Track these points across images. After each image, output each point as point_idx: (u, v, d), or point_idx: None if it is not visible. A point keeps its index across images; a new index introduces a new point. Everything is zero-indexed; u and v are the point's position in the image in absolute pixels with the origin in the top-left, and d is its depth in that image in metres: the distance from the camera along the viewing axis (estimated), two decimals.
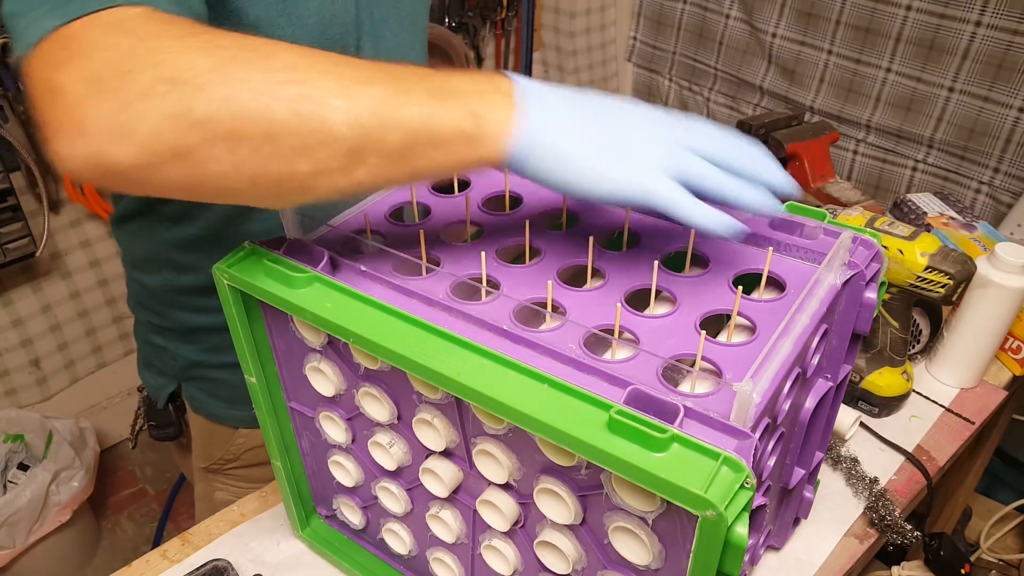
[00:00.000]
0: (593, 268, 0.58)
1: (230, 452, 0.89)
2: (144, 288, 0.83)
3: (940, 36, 1.56)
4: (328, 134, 0.43)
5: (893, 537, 0.77)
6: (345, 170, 0.45)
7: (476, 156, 0.47)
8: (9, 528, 1.51)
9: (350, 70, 0.44)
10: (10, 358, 1.75)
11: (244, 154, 0.42)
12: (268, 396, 0.64)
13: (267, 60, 0.43)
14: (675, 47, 2.16)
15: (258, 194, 0.46)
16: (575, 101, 0.48)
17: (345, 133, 0.43)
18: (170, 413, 0.89)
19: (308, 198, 0.47)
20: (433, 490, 0.57)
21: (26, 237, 1.57)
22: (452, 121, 0.45)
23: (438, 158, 0.46)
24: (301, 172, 0.44)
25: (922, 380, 0.97)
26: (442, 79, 0.46)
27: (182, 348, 0.84)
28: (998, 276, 0.88)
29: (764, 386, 0.45)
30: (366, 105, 0.43)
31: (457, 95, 0.45)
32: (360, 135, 0.43)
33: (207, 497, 0.95)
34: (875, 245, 0.56)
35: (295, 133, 0.42)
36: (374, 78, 0.44)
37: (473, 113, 0.45)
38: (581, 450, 0.42)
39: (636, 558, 0.47)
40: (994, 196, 1.61)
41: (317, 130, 0.43)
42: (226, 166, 0.43)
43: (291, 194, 0.46)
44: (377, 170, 0.46)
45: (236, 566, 0.72)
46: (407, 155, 0.45)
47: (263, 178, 0.44)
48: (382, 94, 0.44)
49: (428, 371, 0.47)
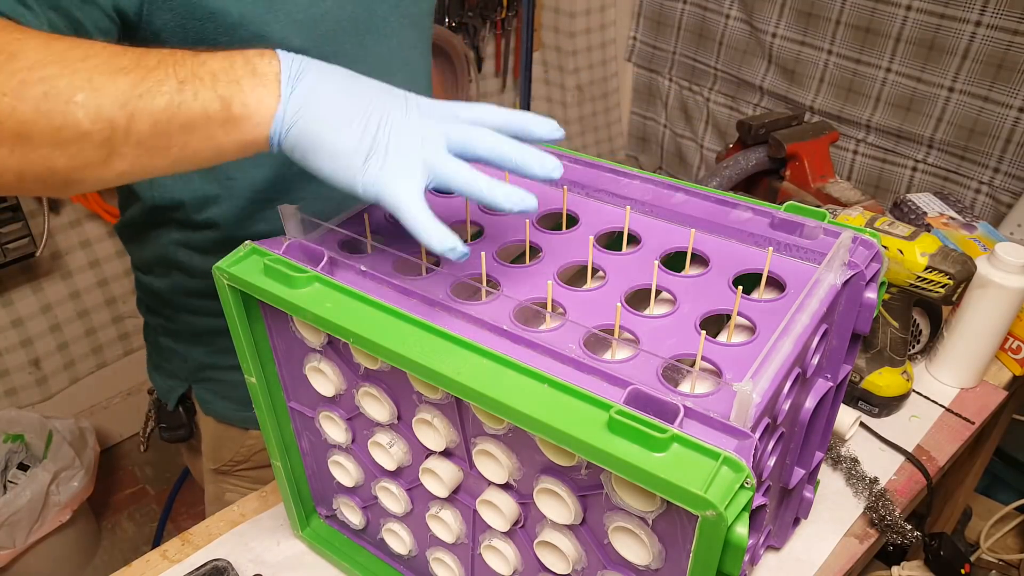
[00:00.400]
0: (593, 268, 0.58)
1: (240, 454, 0.89)
2: (153, 292, 0.83)
3: (940, 36, 1.56)
4: (75, 129, 0.44)
5: (893, 537, 0.77)
6: (105, 162, 0.46)
7: (235, 140, 0.48)
8: (9, 528, 1.51)
9: (97, 62, 0.45)
10: (10, 358, 1.75)
11: (2, 154, 0.44)
12: (268, 396, 0.64)
13: (12, 61, 0.44)
14: (675, 47, 2.16)
15: (28, 187, 0.47)
16: (344, 88, 0.49)
17: (91, 127, 0.44)
18: (180, 415, 0.89)
19: (80, 189, 0.48)
20: (433, 490, 0.57)
21: (26, 237, 1.57)
22: (198, 106, 0.46)
23: (193, 143, 0.47)
24: (60, 167, 0.46)
25: (922, 380, 0.97)
26: (196, 64, 0.47)
27: (192, 350, 0.84)
28: (998, 276, 0.88)
29: (764, 386, 0.45)
30: (110, 97, 0.44)
31: (208, 79, 0.46)
32: (107, 127, 0.45)
33: (218, 499, 0.95)
34: (875, 245, 0.56)
35: (44, 131, 0.44)
36: (122, 68, 0.45)
37: (222, 97, 0.46)
38: (581, 450, 0.42)
39: (636, 558, 0.47)
40: (994, 196, 1.62)
41: (63, 126, 0.44)
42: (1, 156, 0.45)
43: (59, 187, 0.48)
44: (136, 159, 0.47)
45: (236, 566, 0.72)
46: (161, 143, 0.47)
47: (28, 173, 0.46)
48: (127, 84, 0.45)
49: (428, 371, 0.47)
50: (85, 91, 0.44)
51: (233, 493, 0.93)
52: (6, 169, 0.45)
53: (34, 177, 0.46)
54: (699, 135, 2.20)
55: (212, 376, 0.85)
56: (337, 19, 0.68)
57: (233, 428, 0.87)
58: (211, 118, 0.47)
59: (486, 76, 2.18)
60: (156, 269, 0.81)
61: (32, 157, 0.45)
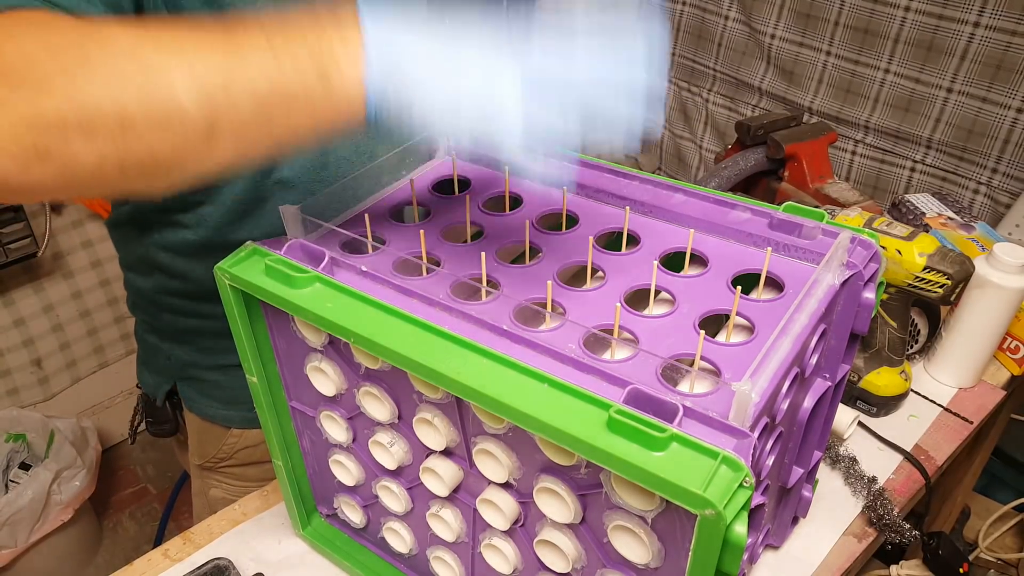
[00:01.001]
0: (593, 268, 0.58)
1: (223, 451, 0.90)
2: (138, 290, 0.84)
3: (938, 37, 1.57)
4: (178, 111, 0.42)
5: (891, 536, 0.77)
6: (207, 144, 0.44)
7: (332, 111, 0.45)
8: (11, 527, 1.52)
9: (190, 42, 0.43)
10: (12, 358, 1.75)
11: (103, 145, 0.42)
12: (269, 396, 0.64)
13: (108, 47, 0.42)
14: (674, 48, 2.16)
15: (130, 181, 0.45)
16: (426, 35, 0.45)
17: (194, 109, 0.43)
18: (167, 411, 0.89)
19: (180, 177, 0.46)
20: (433, 489, 0.58)
21: (28, 237, 1.58)
22: (298, 79, 0.44)
23: (294, 119, 0.45)
24: (163, 152, 0.44)
25: (920, 380, 0.97)
26: (283, 34, 0.44)
27: (176, 349, 0.84)
28: (996, 276, 0.88)
29: (763, 386, 0.46)
30: (210, 76, 0.43)
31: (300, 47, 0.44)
32: (208, 108, 0.43)
33: (203, 493, 0.96)
34: (873, 245, 0.56)
35: (147, 116, 0.42)
36: (214, 45, 0.43)
37: (320, 68, 0.44)
38: (581, 449, 0.42)
39: (635, 557, 0.48)
40: (992, 196, 1.62)
41: (167, 110, 0.42)
42: (91, 158, 0.43)
43: (162, 176, 0.46)
44: (239, 142, 0.45)
45: (237, 565, 0.72)
46: (261, 123, 0.45)
47: (129, 164, 0.44)
48: (221, 62, 0.43)
49: (428, 371, 0.47)
50: (183, 70, 0.42)
51: (218, 489, 0.93)
52: (107, 163, 0.43)
53: (136, 168, 0.44)
54: (698, 136, 2.20)
55: (195, 375, 0.85)
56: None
57: (216, 426, 0.88)
58: (310, 91, 0.44)
59: None
60: (140, 268, 0.82)
61: (135, 146, 0.43)
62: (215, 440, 0.89)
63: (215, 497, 0.94)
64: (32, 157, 0.42)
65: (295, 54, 0.43)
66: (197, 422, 0.89)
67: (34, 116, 0.41)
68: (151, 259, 0.79)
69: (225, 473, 0.93)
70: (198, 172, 0.46)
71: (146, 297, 0.83)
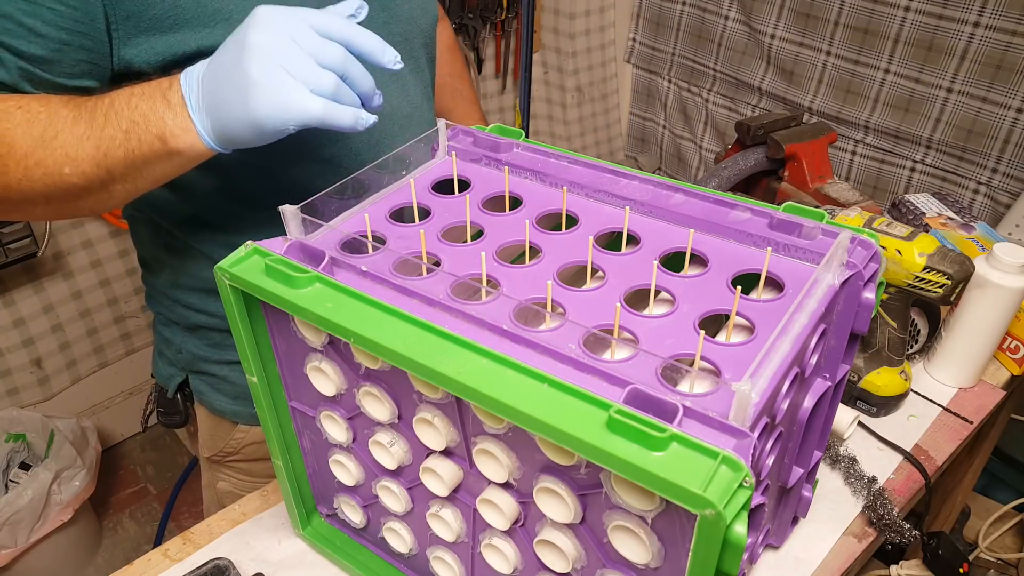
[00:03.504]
0: (592, 268, 0.58)
1: (230, 445, 0.91)
2: (152, 284, 0.88)
3: (938, 37, 1.57)
4: (75, 188, 0.60)
5: (891, 536, 0.77)
6: (110, 196, 0.62)
7: (185, 161, 0.60)
8: (11, 527, 1.52)
9: (65, 137, 0.58)
10: (12, 358, 1.75)
11: (43, 208, 0.62)
12: (269, 395, 0.64)
13: (11, 153, 0.58)
14: (674, 48, 2.16)
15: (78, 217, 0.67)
16: (216, 72, 0.56)
17: (85, 183, 0.60)
18: (178, 402, 0.92)
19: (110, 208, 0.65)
20: (433, 489, 0.58)
21: (28, 237, 1.57)
22: (146, 148, 0.58)
23: (159, 169, 0.61)
24: (85, 207, 0.63)
25: (920, 380, 0.98)
26: (130, 109, 0.58)
27: (187, 342, 0.87)
28: (996, 276, 0.88)
29: (763, 386, 0.46)
30: (86, 162, 0.58)
31: (142, 123, 0.58)
32: (95, 179, 0.60)
33: (211, 486, 0.98)
34: (873, 245, 0.56)
35: (56, 194, 0.60)
36: (82, 135, 0.58)
37: (159, 136, 0.58)
38: (581, 449, 0.42)
39: (635, 557, 0.48)
40: (992, 196, 1.62)
41: (66, 188, 0.60)
42: (41, 212, 0.63)
43: (97, 212, 0.66)
44: (128, 190, 0.62)
45: (237, 565, 0.72)
46: (135, 175, 0.60)
47: (68, 214, 0.64)
48: (92, 148, 0.58)
49: (428, 371, 0.47)
50: (68, 165, 0.58)
51: (225, 483, 0.95)
52: (51, 215, 0.65)
53: (72, 214, 0.65)
54: (698, 136, 2.20)
55: (205, 369, 0.87)
56: None
57: (225, 421, 0.90)
58: (157, 153, 0.58)
59: (486, 77, 2.18)
60: (151, 263, 0.86)
61: (63, 208, 0.63)
62: (223, 434, 0.90)
63: (223, 491, 0.96)
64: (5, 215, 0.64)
65: (139, 131, 0.58)
66: (207, 416, 0.91)
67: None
68: (160, 255, 0.83)
69: (233, 467, 0.94)
70: (116, 205, 0.65)
71: (159, 291, 0.86)
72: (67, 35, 0.60)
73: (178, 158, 0.59)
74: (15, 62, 0.59)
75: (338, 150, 0.76)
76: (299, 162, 0.74)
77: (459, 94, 1.06)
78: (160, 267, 0.84)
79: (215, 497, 0.97)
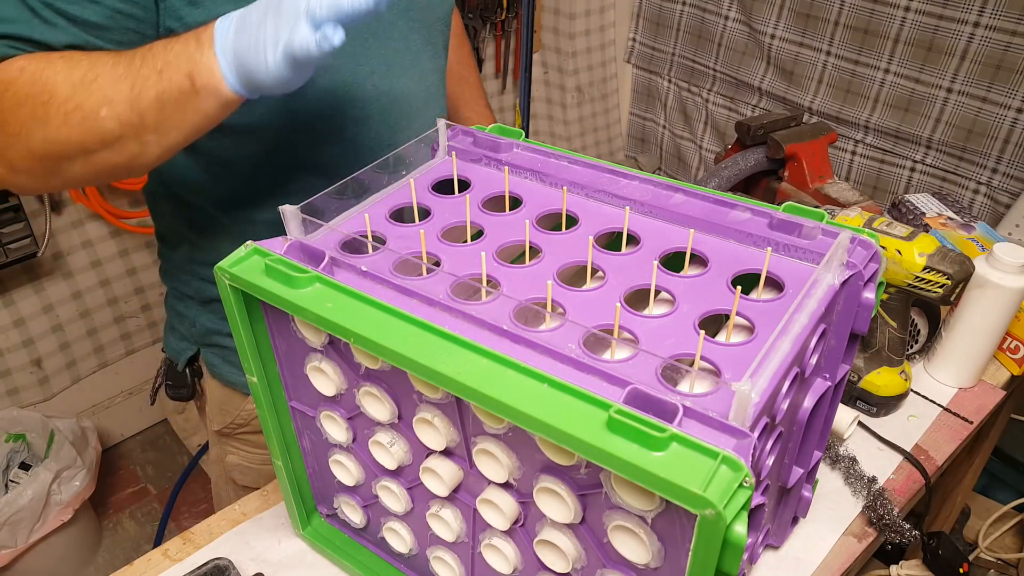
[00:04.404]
0: (592, 268, 0.58)
1: (241, 417, 0.93)
2: (169, 259, 0.91)
3: (938, 37, 1.57)
4: (111, 134, 0.60)
5: (891, 536, 0.77)
6: (141, 148, 0.61)
7: (212, 102, 0.59)
8: (11, 527, 1.52)
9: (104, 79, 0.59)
10: (12, 358, 1.75)
11: (81, 164, 0.62)
12: (269, 395, 0.64)
13: (51, 101, 0.59)
14: (674, 48, 2.16)
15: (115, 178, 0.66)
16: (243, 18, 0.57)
17: (121, 130, 0.60)
18: (187, 376, 0.95)
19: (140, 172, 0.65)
20: (433, 489, 0.58)
21: (28, 237, 1.57)
22: (175, 87, 0.58)
23: (188, 116, 0.60)
24: (120, 161, 0.62)
25: (920, 380, 0.98)
26: (166, 51, 0.59)
27: (201, 316, 0.89)
28: (996, 276, 0.88)
29: (763, 386, 0.46)
30: (121, 103, 0.59)
31: (175, 62, 0.58)
32: (129, 125, 0.60)
33: (220, 460, 1.00)
34: (873, 245, 0.56)
35: (94, 141, 0.60)
36: (120, 76, 0.59)
37: (188, 74, 0.58)
38: (581, 449, 0.42)
39: (635, 557, 0.48)
40: (992, 196, 1.62)
41: (104, 135, 0.60)
42: (78, 169, 0.62)
43: (130, 172, 0.64)
44: (160, 141, 0.61)
45: (237, 565, 0.72)
46: (168, 121, 0.60)
47: (100, 172, 0.63)
48: (127, 88, 0.59)
49: (428, 371, 0.47)
50: (105, 106, 0.59)
51: (234, 456, 0.98)
52: (84, 174, 0.63)
53: (107, 174, 0.64)
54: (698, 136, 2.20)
55: (218, 342, 0.89)
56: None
57: (236, 393, 0.92)
58: (186, 93, 0.58)
59: (486, 77, 2.18)
60: (170, 237, 0.88)
61: (95, 161, 0.62)
62: (233, 407, 0.93)
63: (232, 464, 0.98)
64: (43, 177, 0.64)
65: (171, 71, 0.58)
66: (218, 388, 0.93)
67: (29, 152, 0.60)
68: (179, 229, 0.86)
69: (242, 440, 0.96)
70: (148, 163, 0.63)
71: (176, 265, 0.89)
72: (121, 3, 0.63)
73: (206, 101, 0.59)
74: (68, 27, 0.61)
75: (359, 131, 0.78)
76: (324, 143, 0.77)
77: (465, 81, 1.08)
78: (180, 241, 0.86)
79: (223, 471, 1.00)
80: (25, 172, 0.62)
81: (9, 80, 0.59)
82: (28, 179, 0.63)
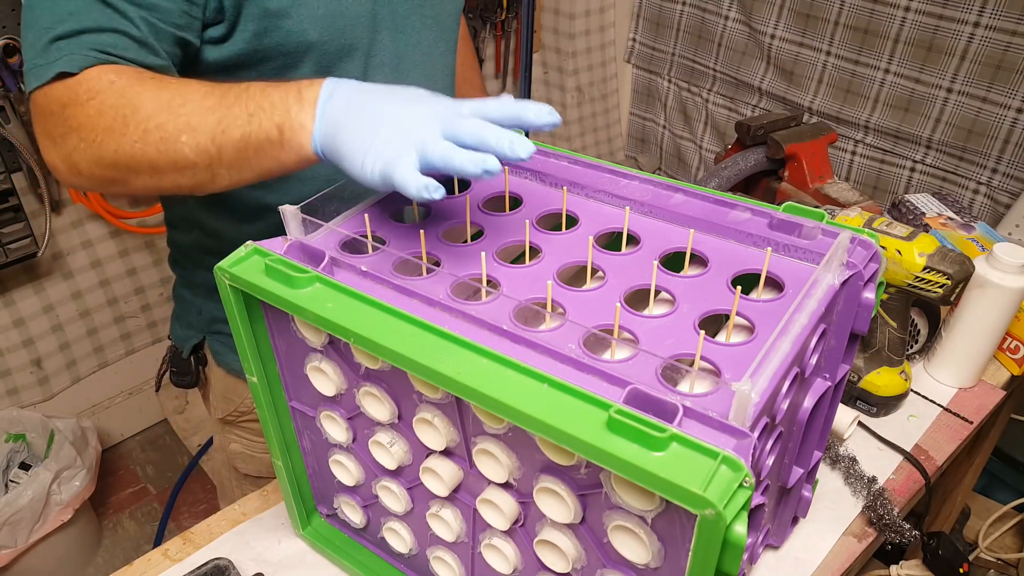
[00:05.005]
0: (592, 268, 0.58)
1: (244, 405, 0.94)
2: (178, 246, 0.92)
3: (938, 37, 1.57)
4: (184, 160, 0.60)
5: (891, 536, 0.77)
6: (211, 180, 0.62)
7: (291, 157, 0.59)
8: (11, 527, 1.52)
9: (192, 107, 0.59)
10: (12, 358, 1.75)
11: (146, 179, 0.62)
12: (269, 395, 0.64)
13: (135, 115, 0.59)
14: (674, 48, 2.16)
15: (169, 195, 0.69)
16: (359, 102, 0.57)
17: (195, 158, 0.60)
18: (191, 364, 0.95)
19: (203, 193, 0.64)
20: (433, 489, 0.58)
21: (28, 237, 1.57)
22: (263, 134, 0.58)
23: (265, 162, 0.60)
24: (185, 184, 0.62)
25: (920, 380, 0.98)
26: (262, 96, 0.59)
27: (207, 304, 0.90)
28: (996, 276, 0.88)
29: (763, 386, 0.46)
30: (204, 135, 0.59)
31: (268, 109, 0.58)
32: (205, 156, 0.60)
33: (222, 448, 1.01)
34: (873, 245, 0.56)
35: (166, 164, 0.60)
36: (209, 108, 0.59)
37: (278, 125, 0.58)
38: (581, 449, 0.42)
39: (635, 557, 0.48)
40: (992, 196, 1.62)
41: (177, 159, 0.60)
42: (141, 184, 0.63)
43: (189, 194, 0.64)
44: (231, 177, 0.62)
45: (237, 565, 0.72)
46: (245, 162, 0.60)
47: (164, 189, 0.63)
48: (214, 122, 0.59)
49: (428, 371, 0.47)
50: (187, 132, 0.59)
51: (237, 444, 0.99)
52: (144, 188, 0.63)
53: (166, 191, 0.64)
54: (698, 136, 2.20)
55: (223, 329, 0.91)
56: (354, 15, 0.73)
57: (240, 381, 0.92)
58: (272, 142, 0.58)
59: (486, 77, 2.18)
60: (180, 225, 0.89)
61: (163, 181, 0.62)
62: (237, 395, 0.94)
63: (235, 452, 0.99)
64: (104, 184, 0.64)
65: (263, 116, 0.58)
66: (222, 376, 0.94)
67: (97, 160, 0.61)
68: (191, 217, 0.86)
69: (245, 428, 0.97)
70: (210, 191, 0.63)
71: (185, 253, 0.91)
72: None
73: (287, 154, 0.59)
74: (137, 12, 0.62)
75: None
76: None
77: (468, 82, 1.09)
78: (190, 228, 0.87)
79: (226, 459, 1.00)
80: (87, 176, 0.63)
81: (97, 90, 0.60)
82: (87, 183, 0.64)
